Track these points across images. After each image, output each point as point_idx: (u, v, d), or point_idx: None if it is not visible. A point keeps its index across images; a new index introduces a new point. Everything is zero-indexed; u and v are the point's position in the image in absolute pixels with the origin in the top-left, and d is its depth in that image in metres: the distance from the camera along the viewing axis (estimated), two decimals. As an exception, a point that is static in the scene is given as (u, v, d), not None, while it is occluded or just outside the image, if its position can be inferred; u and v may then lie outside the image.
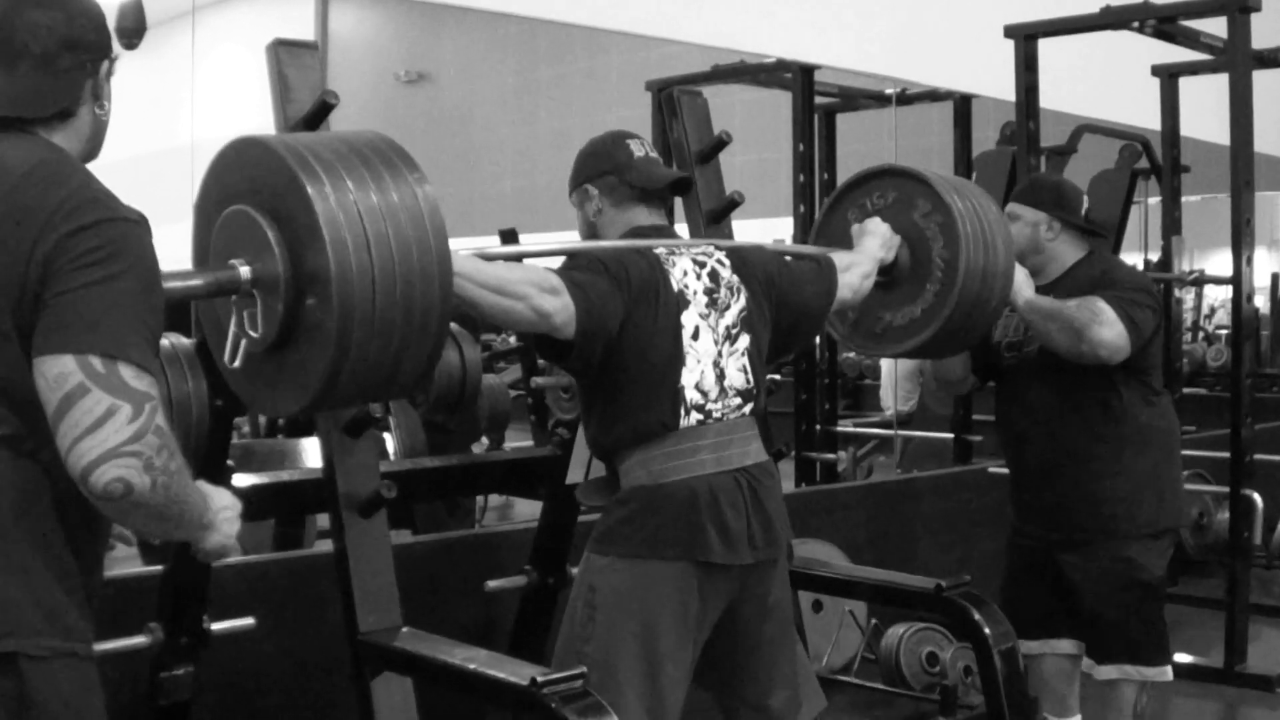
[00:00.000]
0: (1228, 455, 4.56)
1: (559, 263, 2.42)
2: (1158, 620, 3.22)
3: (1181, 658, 4.68)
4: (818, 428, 5.80)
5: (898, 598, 3.17)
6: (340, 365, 1.82)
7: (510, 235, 6.47)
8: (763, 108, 8.48)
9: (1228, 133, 4.48)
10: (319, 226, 1.78)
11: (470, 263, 2.19)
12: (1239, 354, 4.64)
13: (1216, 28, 4.71)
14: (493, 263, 2.25)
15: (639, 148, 2.56)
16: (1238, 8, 4.40)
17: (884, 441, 7.54)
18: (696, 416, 2.41)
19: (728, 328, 2.48)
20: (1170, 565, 5.34)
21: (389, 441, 4.50)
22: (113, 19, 6.71)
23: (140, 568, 3.54)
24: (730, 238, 2.99)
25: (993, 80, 5.59)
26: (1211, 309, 11.55)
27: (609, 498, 2.45)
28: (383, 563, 2.34)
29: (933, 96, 6.48)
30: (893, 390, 7.62)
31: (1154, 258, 6.68)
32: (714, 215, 3.03)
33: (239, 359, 1.92)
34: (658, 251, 2.45)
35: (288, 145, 1.87)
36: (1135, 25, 4.70)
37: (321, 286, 1.80)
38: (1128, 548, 3.16)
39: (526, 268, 2.32)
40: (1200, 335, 10.57)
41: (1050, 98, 4.91)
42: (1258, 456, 4.70)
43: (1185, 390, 6.32)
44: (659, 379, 2.39)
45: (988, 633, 2.74)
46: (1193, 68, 5.45)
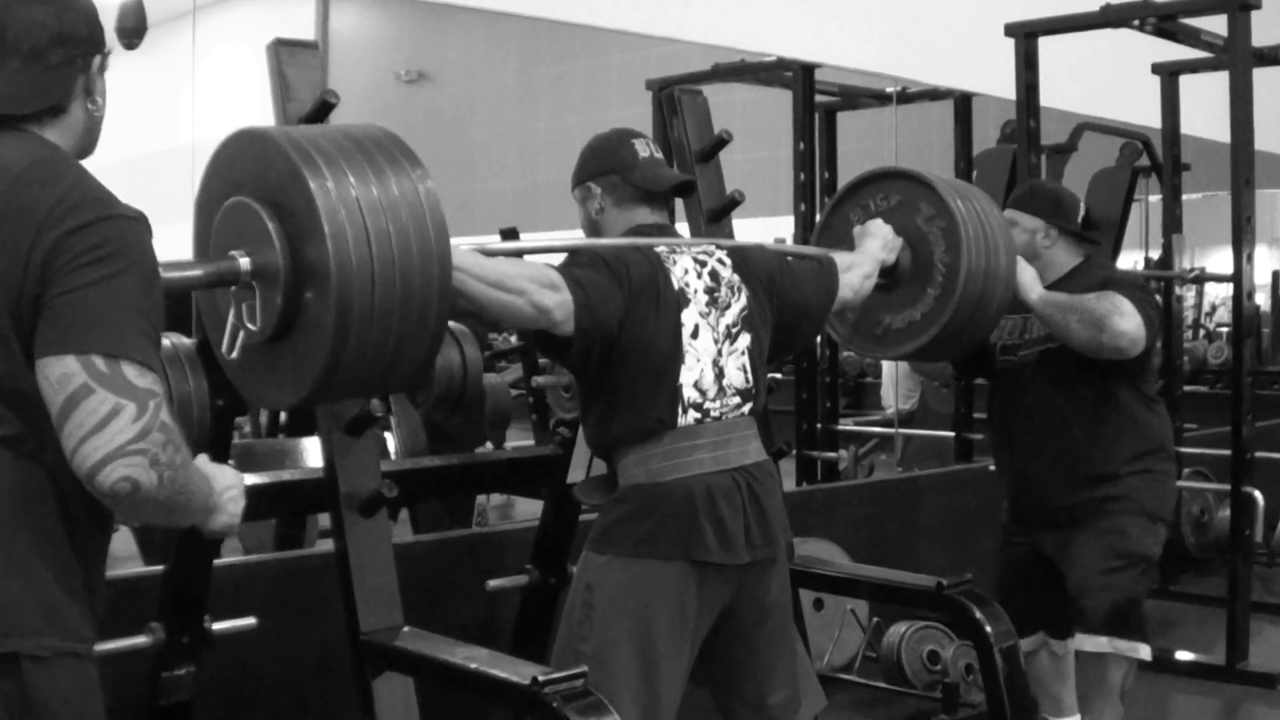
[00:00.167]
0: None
1: (560, 259, 2.42)
2: (1139, 600, 3.27)
3: (1183, 655, 4.69)
4: (819, 426, 5.78)
5: (899, 596, 3.18)
6: (338, 358, 1.82)
7: (511, 234, 6.45)
8: (763, 106, 8.46)
9: (1228, 130, 4.48)
10: (319, 219, 1.78)
11: (470, 257, 2.18)
12: (1240, 351, 4.66)
13: (1216, 25, 4.71)
14: (493, 258, 2.25)
15: (644, 148, 2.55)
16: (1238, 5, 4.40)
17: (885, 440, 7.55)
18: (695, 415, 2.40)
19: (728, 327, 2.47)
20: (1171, 563, 5.42)
21: (390, 441, 4.50)
22: (113, 19, 6.71)
23: (141, 568, 3.54)
24: (731, 237, 2.99)
25: (993, 79, 5.58)
26: (1212, 306, 11.56)
27: (607, 496, 2.44)
28: (384, 562, 2.34)
29: (933, 95, 6.46)
30: (894, 389, 7.62)
31: (1155, 255, 6.68)
32: (714, 214, 3.04)
33: (237, 350, 1.92)
34: (658, 250, 2.44)
35: (289, 138, 1.86)
36: (1135, 23, 4.70)
37: (321, 279, 1.79)
38: (1122, 522, 3.21)
39: (526, 263, 2.31)
40: (1201, 333, 10.59)
41: (1050, 96, 4.91)
42: (1259, 454, 4.71)
43: (1186, 388, 6.32)
44: (658, 377, 2.38)
45: (989, 631, 2.75)
46: (1193, 65, 5.45)
